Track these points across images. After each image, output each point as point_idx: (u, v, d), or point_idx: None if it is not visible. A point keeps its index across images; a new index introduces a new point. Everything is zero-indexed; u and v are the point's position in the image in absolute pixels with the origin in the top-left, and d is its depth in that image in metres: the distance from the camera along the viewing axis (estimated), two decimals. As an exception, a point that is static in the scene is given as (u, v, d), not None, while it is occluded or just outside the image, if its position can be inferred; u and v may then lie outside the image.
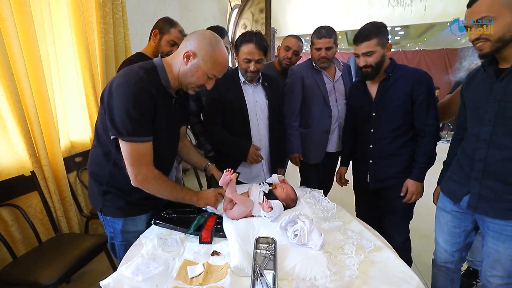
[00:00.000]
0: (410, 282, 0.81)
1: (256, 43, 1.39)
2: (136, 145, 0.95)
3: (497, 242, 1.02)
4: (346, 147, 1.71)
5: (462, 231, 1.17)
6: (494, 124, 0.97)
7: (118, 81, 0.94)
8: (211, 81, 1.06)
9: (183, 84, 1.05)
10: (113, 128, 0.93)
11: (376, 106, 1.42)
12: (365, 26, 1.35)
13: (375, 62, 1.33)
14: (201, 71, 1.01)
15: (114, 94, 0.92)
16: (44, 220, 1.68)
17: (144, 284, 0.80)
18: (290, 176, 3.94)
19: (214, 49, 1.00)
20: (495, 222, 1.01)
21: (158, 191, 1.03)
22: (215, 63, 1.01)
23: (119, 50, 2.19)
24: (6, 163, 1.52)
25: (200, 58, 0.99)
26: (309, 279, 0.81)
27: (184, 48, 1.00)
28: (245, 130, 1.53)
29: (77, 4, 1.83)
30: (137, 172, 0.98)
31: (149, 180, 1.00)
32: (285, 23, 6.87)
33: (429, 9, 5.66)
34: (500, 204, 0.98)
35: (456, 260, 1.23)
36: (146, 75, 0.96)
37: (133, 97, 0.91)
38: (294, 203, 1.21)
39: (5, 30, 1.43)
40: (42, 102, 1.65)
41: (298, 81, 1.75)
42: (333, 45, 1.68)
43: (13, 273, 1.28)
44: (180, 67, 1.02)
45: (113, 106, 0.92)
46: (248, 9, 4.52)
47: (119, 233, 1.12)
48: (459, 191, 1.11)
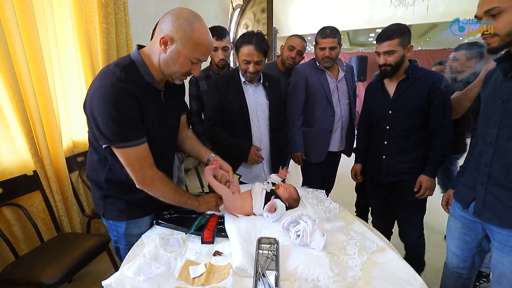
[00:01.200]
0: (414, 283, 0.80)
1: (256, 44, 1.37)
2: (131, 150, 0.90)
3: (501, 254, 0.96)
4: (361, 144, 1.72)
5: (474, 239, 1.11)
6: (500, 126, 0.91)
7: (96, 86, 0.87)
8: (196, 66, 0.95)
9: (167, 75, 0.95)
10: (102, 137, 0.88)
11: (393, 105, 1.45)
12: (389, 26, 1.39)
13: (395, 61, 1.36)
14: (183, 57, 0.89)
15: (93, 101, 0.86)
16: (46, 220, 1.69)
17: (146, 284, 0.80)
18: (292, 175, 3.94)
19: (193, 29, 0.87)
20: (500, 232, 0.96)
21: (163, 194, 1.01)
22: (195, 45, 0.89)
23: (121, 50, 2.19)
24: (9, 163, 1.53)
25: (179, 42, 0.87)
26: (312, 280, 0.81)
27: (159, 33, 0.88)
28: (245, 131, 1.53)
29: (79, 4, 1.84)
30: (142, 176, 0.95)
31: (155, 183, 0.97)
32: (286, 23, 6.86)
33: (432, 9, 5.63)
34: (504, 212, 0.93)
35: (468, 266, 1.17)
36: (124, 73, 0.87)
37: (113, 100, 0.84)
38: (296, 203, 1.20)
39: (8, 30, 1.43)
40: (45, 101, 1.66)
41: (301, 80, 1.76)
42: (337, 45, 1.69)
43: (15, 272, 1.28)
44: (160, 56, 0.91)
45: (95, 113, 0.86)
46: (249, 9, 4.52)
47: (123, 236, 1.10)
48: (467, 197, 1.07)
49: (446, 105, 1.37)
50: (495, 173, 0.94)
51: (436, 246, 2.13)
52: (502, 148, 0.92)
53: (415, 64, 1.43)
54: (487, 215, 0.98)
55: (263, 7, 4.40)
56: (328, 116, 1.77)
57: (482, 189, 0.99)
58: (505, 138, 0.91)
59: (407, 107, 1.41)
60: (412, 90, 1.40)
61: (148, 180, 0.96)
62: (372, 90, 1.60)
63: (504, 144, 0.91)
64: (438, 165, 1.43)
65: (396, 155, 1.49)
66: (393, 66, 1.38)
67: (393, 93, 1.45)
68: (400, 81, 1.43)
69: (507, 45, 0.85)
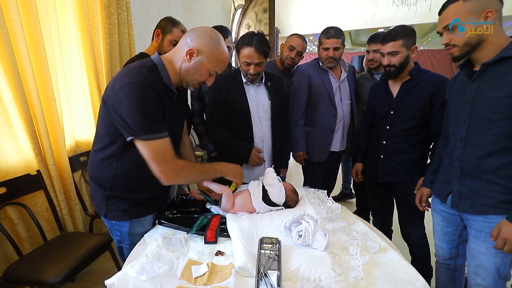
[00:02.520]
0: (416, 284, 0.80)
1: (256, 46, 1.36)
2: (155, 143, 0.93)
3: (478, 241, 1.03)
4: (363, 143, 1.72)
5: (455, 230, 1.20)
6: (469, 124, 1.02)
7: (122, 82, 0.92)
8: (211, 78, 1.07)
9: (184, 81, 1.05)
10: (128, 129, 0.92)
11: (395, 105, 1.46)
12: (394, 27, 1.41)
13: (399, 62, 1.38)
14: (204, 69, 1.02)
15: (120, 97, 0.91)
16: (49, 219, 1.69)
17: (149, 283, 0.80)
18: (293, 176, 3.95)
19: (217, 46, 1.01)
20: (475, 219, 1.04)
21: (190, 179, 1.07)
22: (218, 60, 1.02)
23: (123, 50, 2.20)
24: (13, 162, 1.54)
25: (204, 56, 1.00)
26: (314, 280, 0.81)
27: (185, 45, 1.00)
28: (247, 131, 1.52)
29: (83, 5, 1.85)
30: (166, 168, 0.96)
31: (179, 173, 1.00)
32: (288, 23, 6.85)
33: (434, 9, 5.60)
34: (477, 200, 1.02)
35: (453, 257, 1.25)
36: (150, 72, 0.95)
37: (141, 95, 0.90)
38: (294, 195, 1.22)
39: (12, 31, 1.44)
40: (48, 102, 1.67)
41: (304, 79, 1.77)
42: (340, 46, 1.71)
43: (19, 271, 1.29)
44: (182, 64, 1.01)
45: (122, 108, 0.91)
46: (251, 9, 4.52)
47: (127, 236, 1.10)
48: (443, 191, 1.16)
49: None
50: (466, 166, 1.04)
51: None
52: (472, 143, 1.02)
53: (419, 66, 1.44)
54: (463, 206, 1.06)
55: (265, 7, 4.40)
56: (330, 116, 1.78)
57: (456, 182, 1.08)
58: (474, 134, 1.01)
59: (409, 108, 1.42)
60: (416, 91, 1.41)
61: (172, 172, 0.98)
62: (376, 90, 1.61)
63: (473, 139, 1.02)
64: None
65: (394, 155, 1.50)
66: (396, 67, 1.39)
67: (396, 94, 1.46)
68: (404, 82, 1.44)
69: (467, 53, 1.00)
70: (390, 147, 1.50)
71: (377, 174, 1.57)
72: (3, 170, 1.50)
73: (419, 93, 1.40)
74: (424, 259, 1.59)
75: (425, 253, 1.59)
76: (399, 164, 1.49)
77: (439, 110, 1.37)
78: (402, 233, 1.64)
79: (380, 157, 1.54)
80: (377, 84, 1.63)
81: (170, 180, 0.99)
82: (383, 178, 1.56)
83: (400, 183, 1.52)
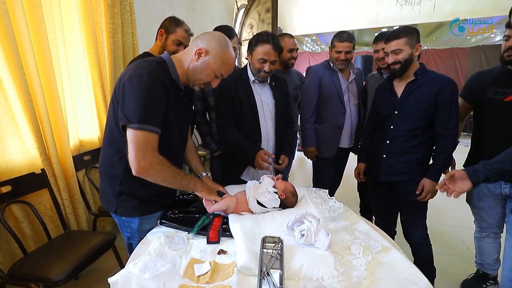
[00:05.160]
0: (419, 284, 0.80)
1: (273, 44, 1.39)
2: (143, 134, 0.91)
3: None
4: (367, 143, 1.73)
5: None
6: None
7: (132, 72, 0.94)
8: (217, 80, 1.09)
9: (190, 80, 1.08)
10: (123, 116, 0.92)
11: (400, 105, 1.46)
12: (397, 28, 1.44)
13: (404, 58, 1.39)
14: (211, 69, 1.04)
15: (127, 84, 0.92)
16: (53, 217, 1.71)
17: (152, 281, 0.80)
18: (295, 175, 3.94)
19: (225, 50, 1.05)
20: None
21: (163, 178, 0.98)
22: (224, 63, 1.05)
23: (127, 50, 2.22)
24: (18, 161, 1.56)
25: (211, 56, 1.03)
26: (316, 279, 0.81)
27: (195, 46, 1.04)
28: (254, 130, 1.52)
29: (87, 5, 1.86)
30: (142, 157, 0.92)
31: (154, 166, 0.94)
32: (291, 22, 6.84)
33: (438, 8, 5.57)
34: None
35: None
36: (159, 66, 0.99)
37: (147, 86, 0.92)
38: (293, 197, 1.22)
39: (17, 31, 1.46)
40: (53, 101, 1.68)
41: (315, 79, 1.87)
42: (352, 50, 1.81)
43: (23, 268, 1.31)
44: (190, 63, 1.05)
45: (125, 95, 0.92)
46: (254, 8, 4.53)
47: (136, 232, 1.12)
48: None
49: (452, 109, 1.38)
50: None
51: (443, 247, 2.11)
52: None
53: (425, 67, 1.44)
54: None
55: (267, 7, 4.41)
56: (340, 114, 1.87)
57: None
58: None
59: (413, 108, 1.42)
60: (420, 91, 1.41)
61: (147, 162, 0.93)
62: (381, 90, 1.62)
63: None
64: (441, 169, 1.43)
65: (397, 155, 1.50)
66: (402, 63, 1.39)
67: (401, 94, 1.47)
68: (409, 82, 1.44)
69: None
70: (394, 147, 1.50)
71: (379, 174, 1.57)
72: (9, 168, 1.51)
73: (424, 94, 1.39)
74: (427, 260, 1.58)
75: (427, 254, 1.58)
76: (402, 163, 1.49)
77: (443, 111, 1.37)
78: (404, 233, 1.63)
79: (383, 157, 1.54)
80: (382, 84, 1.64)
81: (142, 169, 0.93)
82: (385, 177, 1.55)
83: (402, 182, 1.51)
